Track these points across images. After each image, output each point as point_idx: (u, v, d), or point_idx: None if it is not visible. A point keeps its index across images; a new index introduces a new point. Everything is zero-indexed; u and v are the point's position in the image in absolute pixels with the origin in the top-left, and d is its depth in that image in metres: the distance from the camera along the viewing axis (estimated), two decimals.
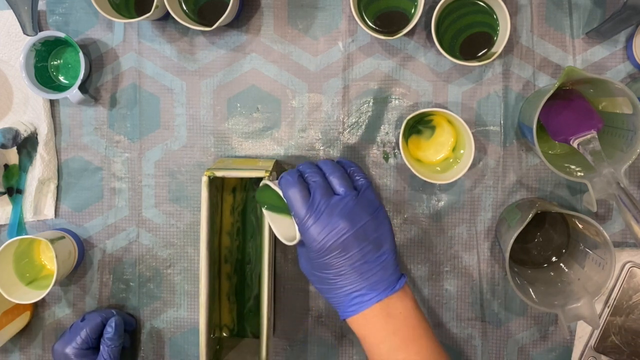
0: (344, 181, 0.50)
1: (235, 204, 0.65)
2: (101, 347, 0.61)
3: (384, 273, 0.48)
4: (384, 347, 0.48)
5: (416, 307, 0.50)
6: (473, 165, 0.64)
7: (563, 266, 0.61)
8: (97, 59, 0.66)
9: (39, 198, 0.67)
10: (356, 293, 0.48)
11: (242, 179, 0.64)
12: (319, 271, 0.49)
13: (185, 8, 0.63)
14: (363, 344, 0.50)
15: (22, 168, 0.67)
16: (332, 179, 0.50)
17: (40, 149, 0.66)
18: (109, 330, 0.61)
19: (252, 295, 0.65)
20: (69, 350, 0.60)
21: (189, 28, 0.61)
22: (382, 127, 0.65)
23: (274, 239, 0.65)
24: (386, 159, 0.65)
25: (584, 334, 0.63)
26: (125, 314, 0.67)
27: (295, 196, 0.49)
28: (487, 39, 0.61)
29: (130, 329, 0.66)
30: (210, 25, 0.58)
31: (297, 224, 0.49)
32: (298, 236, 0.50)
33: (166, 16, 0.65)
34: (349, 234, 0.47)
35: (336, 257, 0.47)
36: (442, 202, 0.64)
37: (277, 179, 0.53)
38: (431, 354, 0.49)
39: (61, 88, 0.66)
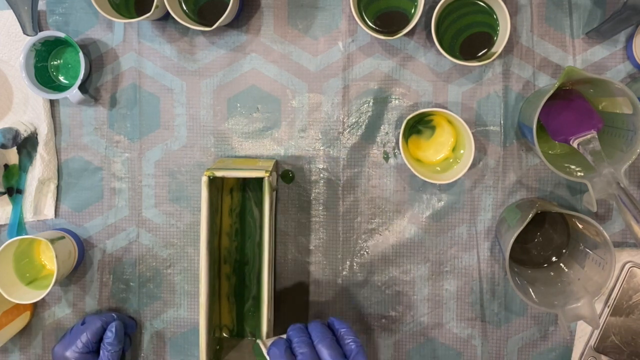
0: (332, 350, 0.49)
1: (233, 205, 0.65)
2: (101, 351, 0.60)
3: None
4: None
5: None
6: (473, 165, 0.64)
7: (563, 266, 0.61)
8: (97, 59, 0.66)
9: (39, 198, 0.67)
10: None
11: (239, 180, 0.64)
12: None
13: (185, 8, 0.63)
14: None
15: (22, 168, 0.67)
16: (320, 348, 0.49)
17: (40, 149, 0.66)
18: (109, 335, 0.61)
19: (250, 295, 0.65)
20: (69, 353, 0.60)
21: (189, 28, 0.61)
22: (382, 127, 0.65)
23: (274, 239, 0.65)
24: (386, 159, 0.65)
25: (584, 334, 0.63)
26: (126, 317, 0.66)
27: None
28: (487, 39, 0.61)
29: (131, 332, 0.66)
30: (210, 25, 0.58)
31: None
32: None
33: (166, 16, 0.65)
34: None
35: None
36: (442, 202, 0.64)
37: (271, 340, 0.52)
38: None
39: (61, 88, 0.66)
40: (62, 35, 0.62)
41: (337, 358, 0.49)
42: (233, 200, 0.65)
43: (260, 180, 0.64)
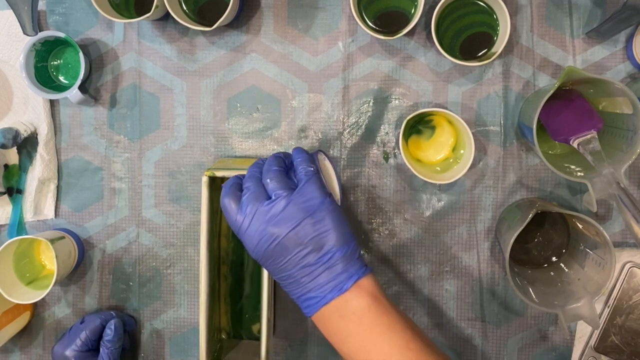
0: (275, 182, 0.47)
1: None
2: (101, 349, 0.61)
3: (330, 273, 0.45)
4: (344, 347, 0.46)
5: (374, 304, 0.45)
6: (473, 165, 0.64)
7: (563, 266, 0.61)
8: (97, 59, 0.66)
9: (39, 198, 0.67)
10: (304, 297, 0.46)
11: None
12: (272, 276, 0.48)
13: (185, 8, 0.63)
14: (330, 342, 0.48)
15: (22, 168, 0.67)
16: (265, 181, 0.47)
17: (40, 149, 0.66)
18: (109, 333, 0.61)
19: (244, 294, 0.65)
20: (69, 352, 0.60)
21: (189, 28, 0.61)
22: (382, 127, 0.65)
23: None
24: (386, 159, 0.65)
25: (584, 334, 0.63)
26: (125, 315, 0.66)
27: (228, 206, 0.47)
28: (487, 39, 0.61)
29: (130, 330, 0.66)
30: (210, 25, 0.58)
31: (235, 233, 0.48)
32: None
33: (166, 16, 0.65)
34: (279, 240, 0.45)
35: (273, 264, 0.46)
36: (442, 202, 0.64)
37: None
38: (398, 350, 0.44)
39: (61, 88, 0.66)
40: (62, 35, 0.62)
41: (280, 189, 0.46)
42: None
43: None
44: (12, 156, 0.67)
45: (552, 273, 0.61)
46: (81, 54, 0.62)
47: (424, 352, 0.45)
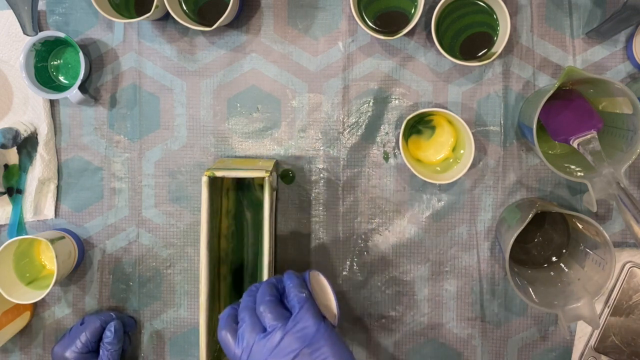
0: (269, 313, 0.47)
1: (229, 206, 0.65)
2: (101, 351, 0.61)
3: None
4: None
5: None
6: (473, 165, 0.64)
7: (563, 266, 0.62)
8: (97, 59, 0.66)
9: (39, 198, 0.67)
10: None
11: (234, 181, 0.64)
12: None
13: (185, 8, 0.63)
14: None
15: (22, 168, 0.67)
16: (259, 312, 0.48)
17: (40, 149, 0.66)
18: (109, 335, 0.61)
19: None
20: (69, 354, 0.60)
21: (189, 28, 0.61)
22: (382, 127, 0.65)
23: (274, 239, 0.65)
24: (386, 159, 0.65)
25: (584, 334, 0.63)
26: (125, 316, 0.66)
27: (225, 339, 0.47)
28: (487, 39, 0.61)
29: (130, 331, 0.66)
30: (210, 25, 0.58)
31: None
32: None
33: (166, 16, 0.65)
34: None
35: None
36: (442, 202, 0.64)
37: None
38: None
39: (61, 88, 0.66)
40: (62, 35, 0.62)
41: (275, 319, 0.46)
42: (229, 201, 0.65)
43: (254, 182, 0.64)
44: (12, 156, 0.67)
45: (552, 273, 0.62)
46: (81, 54, 0.62)
47: None
